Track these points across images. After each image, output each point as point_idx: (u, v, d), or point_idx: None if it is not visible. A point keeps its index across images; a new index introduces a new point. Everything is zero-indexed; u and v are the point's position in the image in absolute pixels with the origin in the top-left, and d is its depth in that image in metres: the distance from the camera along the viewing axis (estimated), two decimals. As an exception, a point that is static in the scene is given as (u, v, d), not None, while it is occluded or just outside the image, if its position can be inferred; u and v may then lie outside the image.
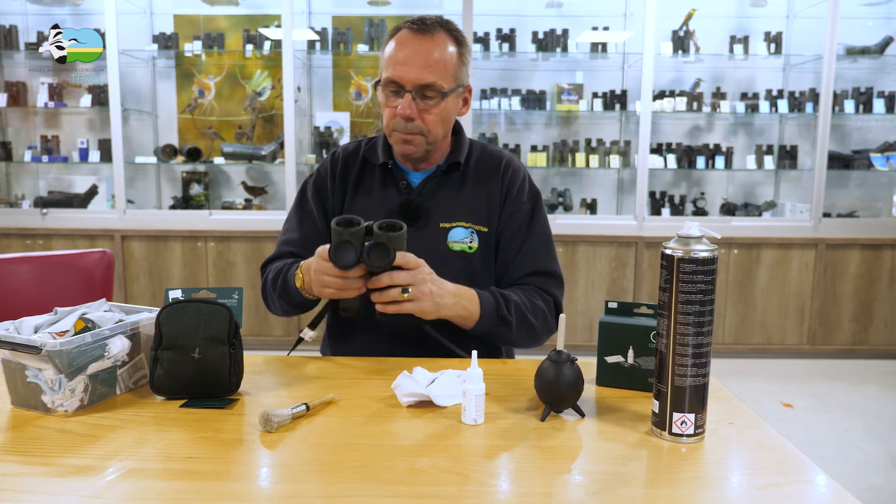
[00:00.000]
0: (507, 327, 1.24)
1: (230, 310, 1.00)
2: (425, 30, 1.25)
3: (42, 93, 3.88)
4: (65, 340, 0.91)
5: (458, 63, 1.28)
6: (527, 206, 1.37)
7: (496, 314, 1.23)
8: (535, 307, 1.28)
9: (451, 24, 1.30)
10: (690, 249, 0.84)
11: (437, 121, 1.27)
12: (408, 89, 1.23)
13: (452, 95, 1.28)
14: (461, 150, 1.37)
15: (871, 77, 3.92)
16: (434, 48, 1.24)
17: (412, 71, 1.23)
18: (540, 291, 1.32)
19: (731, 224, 3.69)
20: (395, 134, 1.28)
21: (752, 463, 0.82)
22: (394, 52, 1.25)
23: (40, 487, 0.73)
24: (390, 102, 1.27)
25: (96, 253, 1.72)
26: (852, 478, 2.33)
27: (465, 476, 0.76)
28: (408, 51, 1.24)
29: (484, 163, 1.38)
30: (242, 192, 3.99)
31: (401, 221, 1.11)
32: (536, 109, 3.92)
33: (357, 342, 1.35)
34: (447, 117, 1.30)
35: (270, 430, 0.88)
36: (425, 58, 1.23)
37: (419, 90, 1.24)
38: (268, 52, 3.89)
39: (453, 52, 1.27)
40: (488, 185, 1.36)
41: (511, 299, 1.25)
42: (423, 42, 1.24)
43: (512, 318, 1.24)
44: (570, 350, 0.94)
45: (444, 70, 1.25)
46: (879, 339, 3.70)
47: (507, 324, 1.24)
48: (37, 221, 3.70)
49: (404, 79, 1.23)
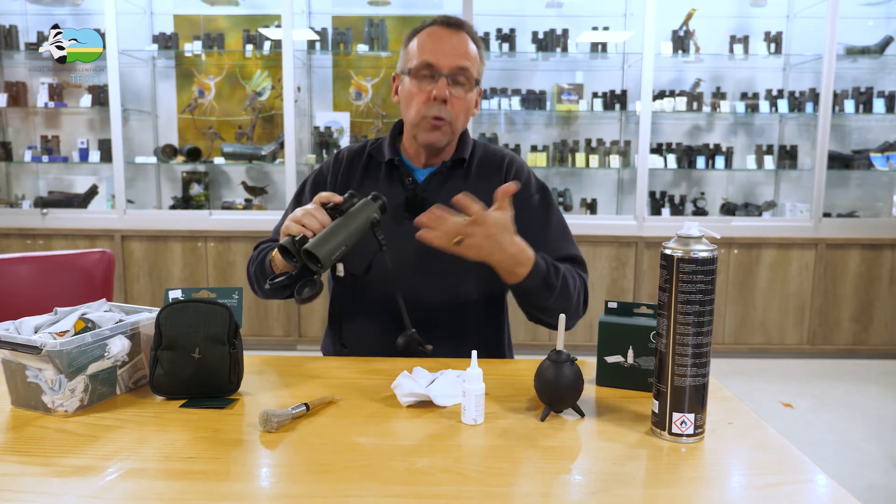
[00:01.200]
0: (549, 291, 1.24)
1: (230, 310, 1.00)
2: (456, 26, 1.33)
3: (42, 93, 3.88)
4: (65, 340, 0.91)
5: (479, 61, 1.35)
6: (537, 197, 1.40)
7: (544, 279, 1.22)
8: (573, 278, 1.30)
9: (473, 29, 1.37)
10: (690, 249, 0.84)
11: (461, 110, 1.33)
12: (443, 73, 1.29)
13: (476, 89, 1.35)
14: (465, 148, 1.40)
15: (871, 77, 3.92)
16: (465, 41, 1.32)
17: (447, 57, 1.29)
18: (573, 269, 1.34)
19: (731, 224, 3.69)
20: (425, 121, 1.31)
21: (752, 463, 0.82)
22: (426, 41, 1.31)
23: (40, 487, 0.74)
24: (424, 87, 1.30)
25: (96, 253, 1.72)
26: (852, 478, 2.33)
27: (465, 476, 0.77)
28: (443, 40, 1.30)
29: (487, 160, 1.42)
30: (242, 192, 3.99)
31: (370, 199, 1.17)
32: (536, 109, 3.92)
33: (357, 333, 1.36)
34: (469, 109, 1.35)
35: (270, 430, 0.88)
36: (459, 47, 1.31)
37: (454, 74, 1.29)
38: (268, 52, 3.89)
39: (476, 51, 1.34)
40: (492, 181, 1.37)
41: (560, 267, 1.27)
42: (456, 34, 1.32)
43: (557, 282, 1.25)
44: (569, 350, 0.94)
45: (475, 61, 1.33)
46: (879, 339, 3.70)
47: (551, 288, 1.24)
48: (37, 221, 3.70)
49: (440, 63, 1.29)
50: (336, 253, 1.09)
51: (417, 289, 1.29)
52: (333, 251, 1.09)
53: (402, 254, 1.28)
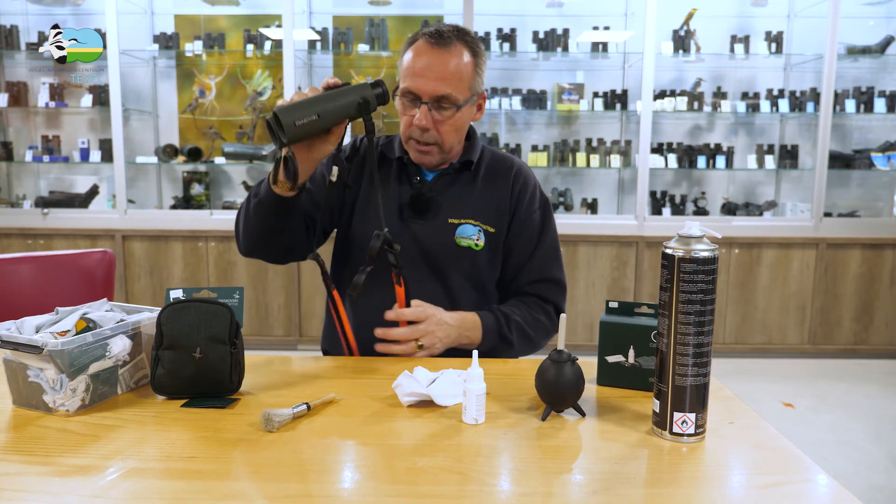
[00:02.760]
0: (508, 345, 1.32)
1: (231, 310, 1.00)
2: (442, 42, 1.26)
3: (43, 93, 3.88)
4: (66, 340, 0.91)
5: (473, 73, 1.30)
6: (537, 214, 1.41)
7: (498, 335, 1.30)
8: (536, 323, 1.35)
9: (467, 33, 1.31)
10: (691, 249, 0.84)
11: (450, 131, 1.31)
12: (424, 101, 1.26)
13: (467, 105, 1.31)
14: (474, 151, 1.40)
15: (872, 76, 3.91)
16: (450, 60, 1.27)
17: (428, 83, 1.25)
18: (541, 303, 1.38)
19: (732, 224, 3.69)
20: (412, 142, 1.32)
21: (752, 462, 0.82)
22: (411, 62, 1.27)
23: (41, 487, 0.74)
24: (407, 111, 1.30)
25: (97, 253, 1.72)
26: (853, 477, 2.33)
27: (466, 475, 0.77)
28: (424, 62, 1.26)
29: (495, 166, 1.42)
30: (243, 192, 4.00)
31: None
32: (537, 109, 3.92)
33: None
34: (461, 126, 1.33)
35: (271, 430, 0.88)
36: (441, 70, 1.26)
37: (435, 102, 1.27)
38: (268, 51, 3.89)
39: (469, 62, 1.29)
40: (497, 187, 1.39)
41: (512, 319, 1.32)
42: (440, 55, 1.26)
43: (513, 336, 1.31)
44: (570, 350, 0.94)
45: (460, 82, 1.28)
46: (880, 339, 3.69)
47: (508, 342, 1.31)
48: (38, 221, 3.70)
49: (421, 90, 1.26)
50: (303, 119, 1.00)
51: (416, 288, 1.29)
52: (300, 116, 1.00)
53: (404, 250, 1.29)
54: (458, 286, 1.35)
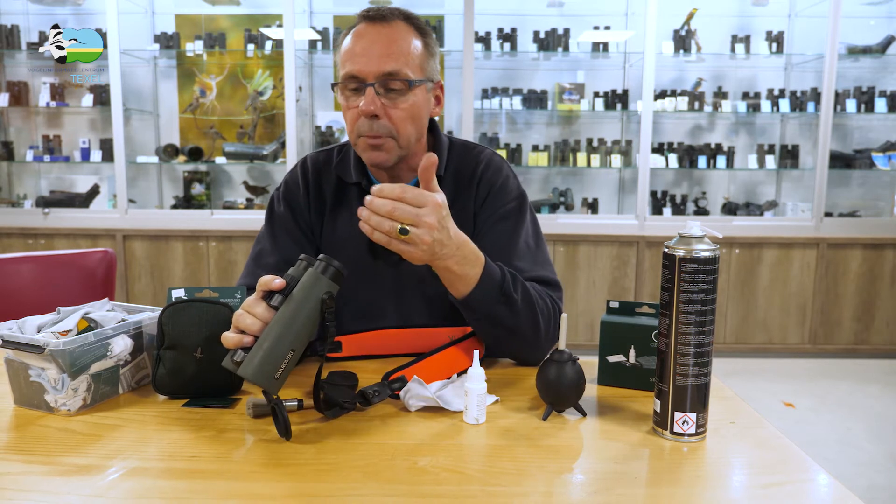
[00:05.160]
0: (509, 305, 1.06)
1: (233, 310, 1.00)
2: (383, 19, 1.12)
3: (44, 92, 3.88)
4: (68, 340, 0.91)
5: (423, 53, 1.15)
6: (512, 205, 1.23)
7: (499, 289, 1.04)
8: (543, 299, 1.14)
9: (411, 14, 1.17)
10: (692, 249, 0.84)
11: (405, 117, 1.13)
12: (369, 82, 1.10)
13: (421, 88, 1.15)
14: (440, 158, 1.22)
15: (872, 76, 3.91)
16: (395, 34, 1.12)
17: (371, 61, 1.09)
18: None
19: (733, 223, 3.69)
20: (362, 140, 1.14)
21: (753, 462, 0.82)
22: (350, 45, 1.12)
23: (43, 486, 0.74)
24: (351, 103, 1.13)
25: (98, 252, 1.72)
26: (854, 477, 2.33)
27: (467, 475, 0.77)
28: (366, 41, 1.11)
29: (461, 169, 1.26)
30: (244, 192, 4.00)
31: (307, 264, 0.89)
32: (538, 109, 3.92)
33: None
34: (417, 114, 1.15)
35: (255, 417, 0.88)
36: (386, 46, 1.10)
37: (382, 81, 1.10)
38: (269, 51, 3.89)
39: (417, 42, 1.14)
40: (463, 196, 1.24)
41: (520, 280, 1.10)
42: (382, 30, 1.11)
43: (517, 295, 1.07)
44: (571, 349, 0.94)
45: (408, 57, 1.12)
46: (881, 339, 3.69)
47: (510, 301, 1.05)
48: (38, 221, 3.70)
49: (364, 71, 1.10)
50: (280, 366, 0.83)
51: (406, 319, 1.23)
52: (274, 367, 0.83)
53: (381, 292, 1.20)
54: (439, 299, 1.17)
